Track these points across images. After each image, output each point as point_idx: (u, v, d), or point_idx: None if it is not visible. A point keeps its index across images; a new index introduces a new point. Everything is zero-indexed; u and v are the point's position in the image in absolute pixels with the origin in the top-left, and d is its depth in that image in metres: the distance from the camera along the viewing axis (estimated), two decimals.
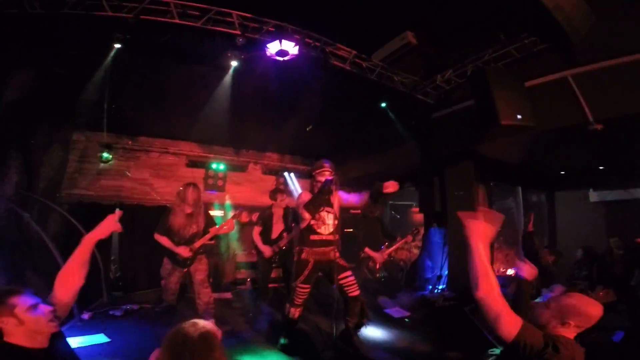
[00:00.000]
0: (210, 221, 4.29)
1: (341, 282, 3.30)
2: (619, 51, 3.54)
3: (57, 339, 1.58)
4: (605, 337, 3.35)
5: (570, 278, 5.43)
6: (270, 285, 5.37)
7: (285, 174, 7.95)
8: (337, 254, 3.34)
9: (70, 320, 3.84)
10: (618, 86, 3.71)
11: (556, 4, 2.38)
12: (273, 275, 5.42)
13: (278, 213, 4.98)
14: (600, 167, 6.47)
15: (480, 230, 1.61)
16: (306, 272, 3.32)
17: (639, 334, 3.51)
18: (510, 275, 5.17)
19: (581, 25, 2.61)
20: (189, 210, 4.04)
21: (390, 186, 3.03)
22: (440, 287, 6.33)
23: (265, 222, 4.95)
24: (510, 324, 1.47)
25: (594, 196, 7.04)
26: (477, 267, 1.54)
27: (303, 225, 3.43)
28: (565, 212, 7.48)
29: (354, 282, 3.35)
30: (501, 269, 6.62)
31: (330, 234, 3.36)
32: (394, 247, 5.92)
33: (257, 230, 4.94)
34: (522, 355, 1.44)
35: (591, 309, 1.60)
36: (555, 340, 1.49)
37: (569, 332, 1.60)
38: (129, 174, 6.29)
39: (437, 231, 6.88)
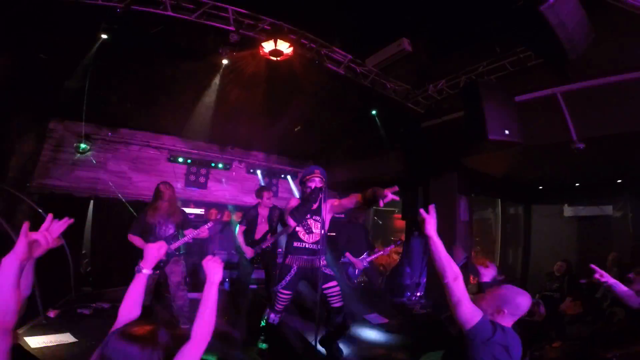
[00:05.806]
0: (187, 222, 4.20)
1: (325, 292, 3.25)
2: (611, 70, 3.61)
3: None
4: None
5: (541, 289, 5.61)
6: (250, 287, 5.24)
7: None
8: (323, 263, 3.27)
9: (34, 318, 3.61)
10: (604, 106, 3.82)
11: (560, 21, 2.39)
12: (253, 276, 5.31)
13: (263, 214, 4.87)
14: (577, 184, 6.73)
15: (435, 224, 1.82)
16: (288, 278, 3.26)
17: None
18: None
19: (581, 43, 2.63)
20: (165, 210, 3.98)
21: (390, 194, 2.75)
22: (418, 294, 6.40)
23: (250, 222, 4.84)
24: (469, 313, 1.69)
25: (568, 211, 7.29)
26: (442, 256, 1.76)
27: (288, 231, 3.37)
28: (540, 225, 7.72)
29: (339, 292, 3.29)
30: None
31: (315, 242, 3.29)
32: (376, 255, 5.92)
33: (240, 229, 4.82)
34: (474, 341, 1.68)
35: (520, 298, 1.84)
36: (500, 328, 1.74)
37: (507, 321, 1.82)
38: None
39: (418, 239, 6.95)
